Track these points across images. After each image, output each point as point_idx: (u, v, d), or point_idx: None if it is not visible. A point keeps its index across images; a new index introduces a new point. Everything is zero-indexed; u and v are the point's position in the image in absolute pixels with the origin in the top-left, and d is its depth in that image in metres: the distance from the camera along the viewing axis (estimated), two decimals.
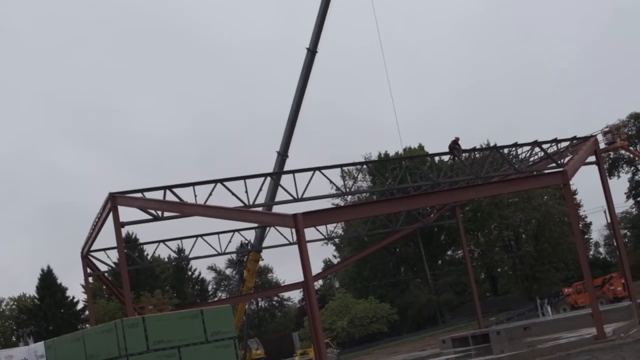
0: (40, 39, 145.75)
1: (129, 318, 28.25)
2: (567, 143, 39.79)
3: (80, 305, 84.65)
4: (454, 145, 39.08)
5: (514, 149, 40.00)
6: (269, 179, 35.64)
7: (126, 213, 32.13)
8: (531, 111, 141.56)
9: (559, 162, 38.42)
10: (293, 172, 33.79)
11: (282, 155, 43.78)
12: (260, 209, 34.01)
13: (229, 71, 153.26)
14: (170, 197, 31.02)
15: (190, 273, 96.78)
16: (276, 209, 36.06)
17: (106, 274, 41.55)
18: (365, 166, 66.39)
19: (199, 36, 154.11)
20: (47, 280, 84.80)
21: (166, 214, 31.71)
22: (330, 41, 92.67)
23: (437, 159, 47.27)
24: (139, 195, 31.61)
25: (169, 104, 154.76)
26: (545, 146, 39.28)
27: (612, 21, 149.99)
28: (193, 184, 31.54)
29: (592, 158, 38.15)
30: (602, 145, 50.49)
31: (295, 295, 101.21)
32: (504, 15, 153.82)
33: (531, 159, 41.03)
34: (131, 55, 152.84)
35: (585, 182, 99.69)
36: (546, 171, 38.92)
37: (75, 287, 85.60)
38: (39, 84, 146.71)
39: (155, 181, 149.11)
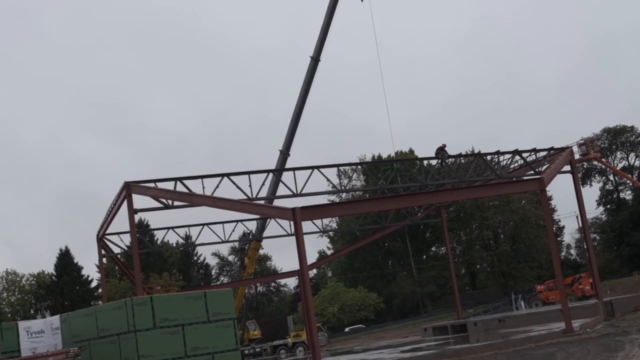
0: (69, 39, 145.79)
1: (138, 297, 28.24)
2: (545, 153, 39.81)
3: (94, 284, 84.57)
4: (440, 150, 39.09)
5: (496, 156, 40.03)
6: (271, 174, 35.67)
7: (139, 201, 32.19)
8: (513, 123, 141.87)
9: (536, 170, 38.46)
10: (293, 169, 33.80)
11: (284, 153, 43.80)
12: (262, 202, 34.03)
13: (239, 75, 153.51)
14: (180, 188, 31.03)
15: (195, 258, 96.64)
16: (277, 202, 36.11)
17: (119, 256, 41.59)
18: (359, 167, 66.46)
19: (214, 43, 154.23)
20: (65, 259, 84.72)
21: (176, 203, 31.73)
22: (332, 52, 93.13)
23: (425, 162, 47.21)
24: (152, 185, 31.62)
25: (183, 103, 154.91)
26: (525, 155, 39.32)
27: (589, 45, 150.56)
28: (202, 177, 31.55)
29: (567, 167, 38.18)
30: (577, 156, 50.59)
31: (291, 282, 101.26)
32: (492, 36, 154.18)
33: (512, 166, 41.04)
34: (151, 58, 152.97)
35: (560, 189, 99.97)
36: (525, 178, 38.93)
37: (90, 267, 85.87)
38: (66, 79, 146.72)
39: (167, 173, 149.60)
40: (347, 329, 77.29)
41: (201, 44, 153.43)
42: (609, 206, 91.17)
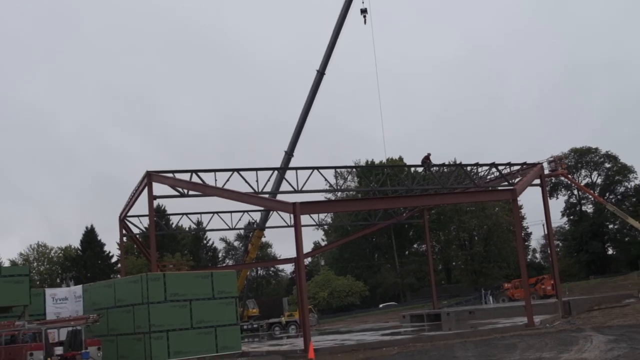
0: (106, 43, 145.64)
1: (153, 273, 28.24)
2: (518, 167, 39.77)
3: (114, 259, 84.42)
4: (426, 160, 39.05)
5: (475, 167, 39.95)
6: (276, 172, 35.63)
7: (158, 188, 32.14)
8: (492, 139, 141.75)
9: (510, 181, 38.43)
10: (296, 168, 33.77)
11: (289, 154, 43.71)
12: (266, 195, 33.99)
13: (253, 83, 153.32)
14: (195, 179, 30.99)
15: (205, 242, 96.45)
16: (279, 197, 36.06)
17: (137, 236, 41.50)
18: (354, 170, 66.39)
19: (233, 54, 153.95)
20: (90, 236, 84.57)
21: (191, 192, 31.67)
22: (337, 67, 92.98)
23: (413, 169, 47.22)
24: (170, 175, 31.58)
25: (203, 105, 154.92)
26: (500, 168, 39.26)
27: (563, 74, 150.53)
28: (215, 171, 31.47)
29: (537, 181, 38.18)
30: (546, 172, 50.42)
31: (288, 268, 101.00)
32: (478, 62, 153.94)
33: (488, 177, 40.98)
34: (177, 63, 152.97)
35: (530, 199, 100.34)
36: (499, 188, 38.94)
37: (111, 244, 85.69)
38: (102, 78, 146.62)
39: (184, 165, 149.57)
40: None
41: (221, 54, 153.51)
42: (571, 217, 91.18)
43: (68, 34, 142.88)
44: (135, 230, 39.92)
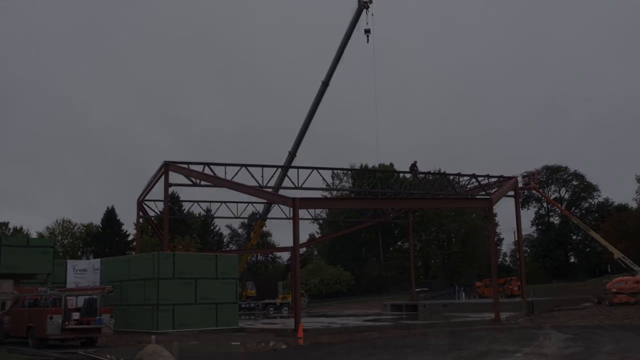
0: (138, 50, 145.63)
1: (164, 252, 28.25)
2: (495, 179, 39.80)
3: (130, 238, 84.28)
4: (413, 167, 38.99)
5: (457, 177, 39.99)
6: (279, 169, 35.61)
7: (174, 177, 32.10)
8: (475, 152, 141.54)
9: (487, 191, 38.45)
10: (297, 167, 33.77)
11: (292, 154, 43.64)
12: (270, 190, 33.98)
13: (265, 89, 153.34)
14: (207, 171, 30.97)
15: (212, 227, 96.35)
16: (281, 192, 36.03)
17: (152, 218, 41.47)
18: (349, 172, 66.39)
19: (248, 61, 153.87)
20: (110, 215, 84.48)
21: (203, 182, 31.66)
22: (340, 80, 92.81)
23: (401, 175, 47.08)
24: (185, 166, 31.57)
25: (220, 105, 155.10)
26: (479, 179, 39.27)
27: (540, 98, 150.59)
28: (225, 165, 31.46)
29: (512, 193, 38.19)
30: (520, 185, 50.34)
31: (285, 256, 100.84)
32: (466, 83, 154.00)
33: (468, 186, 40.97)
34: (200, 68, 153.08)
35: (504, 208, 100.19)
36: (477, 197, 38.96)
37: (129, 224, 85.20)
38: (133, 79, 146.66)
39: (199, 158, 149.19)
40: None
41: (238, 62, 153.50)
42: (540, 227, 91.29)
43: (103, 37, 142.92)
44: (151, 213, 39.90)
